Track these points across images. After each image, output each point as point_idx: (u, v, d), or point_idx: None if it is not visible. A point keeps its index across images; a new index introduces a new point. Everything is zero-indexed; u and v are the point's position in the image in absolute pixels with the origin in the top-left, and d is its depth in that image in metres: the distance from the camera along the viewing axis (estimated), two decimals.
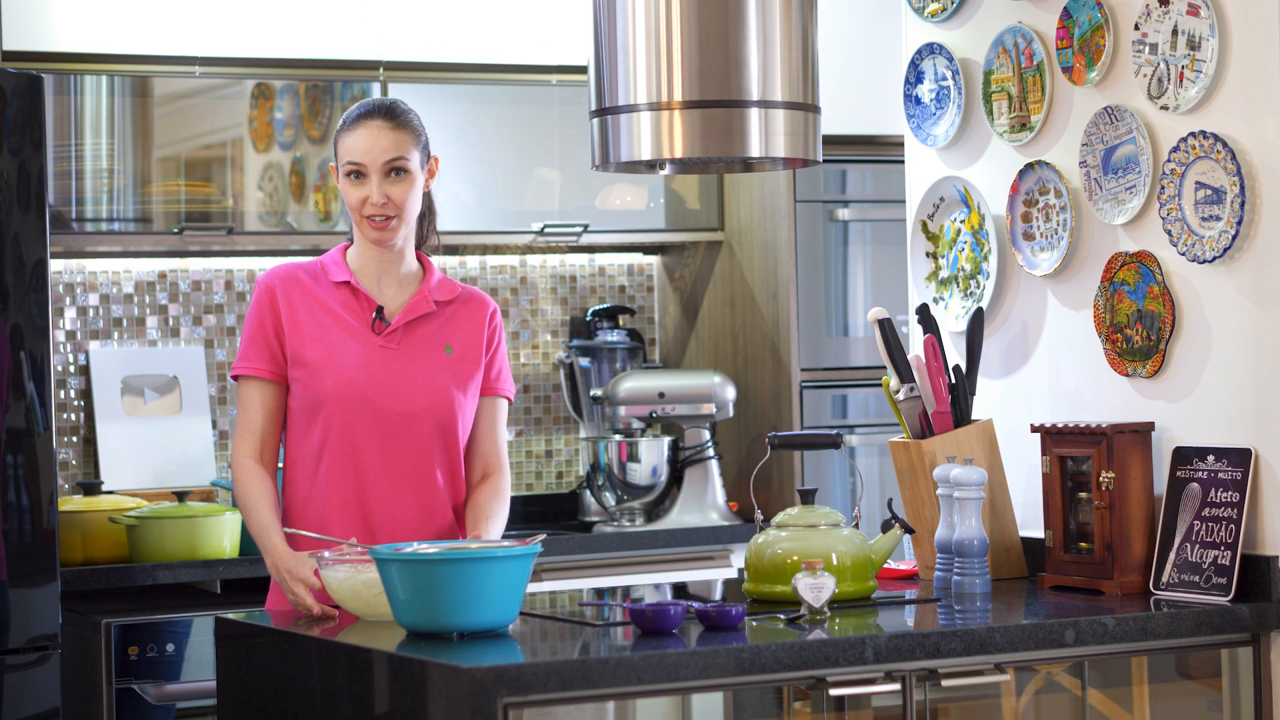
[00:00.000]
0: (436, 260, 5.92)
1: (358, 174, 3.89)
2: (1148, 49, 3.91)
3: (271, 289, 3.93)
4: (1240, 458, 3.75)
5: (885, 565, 4.02)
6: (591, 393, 5.87)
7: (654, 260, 6.28)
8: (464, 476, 3.97)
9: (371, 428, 3.88)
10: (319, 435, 3.89)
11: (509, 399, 4.03)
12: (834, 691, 3.37)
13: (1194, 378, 3.87)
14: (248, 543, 5.11)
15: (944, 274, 4.36)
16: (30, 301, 4.49)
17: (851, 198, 5.89)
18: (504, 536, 3.88)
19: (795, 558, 3.74)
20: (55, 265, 5.44)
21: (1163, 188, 3.88)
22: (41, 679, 4.49)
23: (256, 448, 3.91)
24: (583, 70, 3.95)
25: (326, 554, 3.63)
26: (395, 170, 3.88)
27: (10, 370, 4.46)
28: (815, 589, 3.57)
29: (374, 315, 3.92)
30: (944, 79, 4.36)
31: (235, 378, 3.93)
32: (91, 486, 5.12)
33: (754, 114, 3.82)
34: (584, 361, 5.94)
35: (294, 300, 3.92)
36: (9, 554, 4.47)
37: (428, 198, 4.03)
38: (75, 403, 5.49)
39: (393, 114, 3.91)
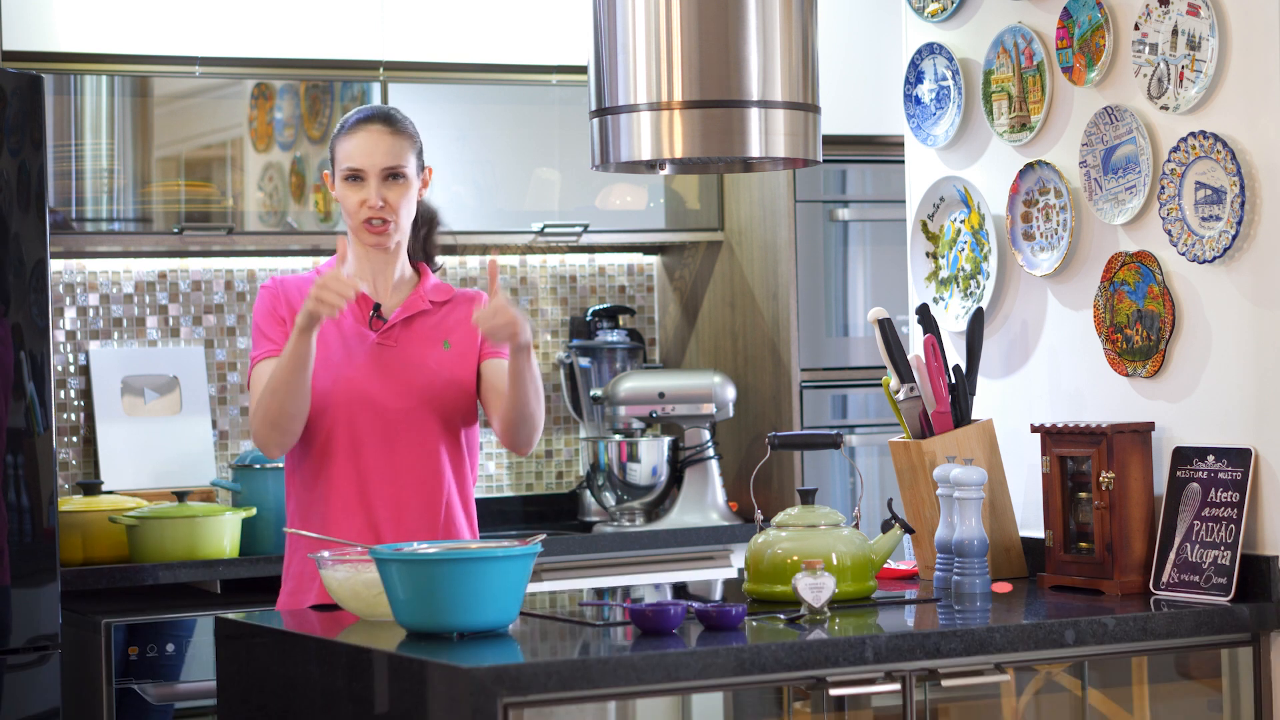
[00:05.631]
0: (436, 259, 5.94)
1: (356, 178, 3.93)
2: (1148, 49, 3.91)
3: (274, 290, 4.00)
4: (1240, 458, 3.75)
5: (885, 565, 4.02)
6: (591, 393, 5.87)
7: (654, 260, 6.28)
8: (468, 470, 4.00)
9: (373, 425, 3.91)
10: (322, 436, 3.91)
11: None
12: (834, 692, 3.37)
13: (1194, 378, 3.87)
14: (248, 543, 5.11)
15: (944, 274, 4.36)
16: (30, 301, 4.49)
17: (851, 198, 5.88)
18: (504, 538, 3.89)
19: (795, 558, 3.74)
20: (55, 265, 5.43)
21: (1163, 188, 3.88)
22: (42, 679, 4.49)
23: None
24: (583, 70, 3.95)
25: (326, 554, 3.63)
26: (393, 175, 3.93)
27: (10, 370, 4.46)
28: (815, 589, 3.57)
29: (371, 313, 3.95)
30: (944, 79, 4.35)
31: (256, 362, 3.93)
32: (91, 486, 5.12)
33: (754, 114, 3.82)
34: (584, 361, 5.94)
35: (295, 303, 3.95)
36: (9, 554, 4.47)
37: (427, 208, 4.07)
38: (75, 403, 5.49)
39: (390, 120, 3.98)
